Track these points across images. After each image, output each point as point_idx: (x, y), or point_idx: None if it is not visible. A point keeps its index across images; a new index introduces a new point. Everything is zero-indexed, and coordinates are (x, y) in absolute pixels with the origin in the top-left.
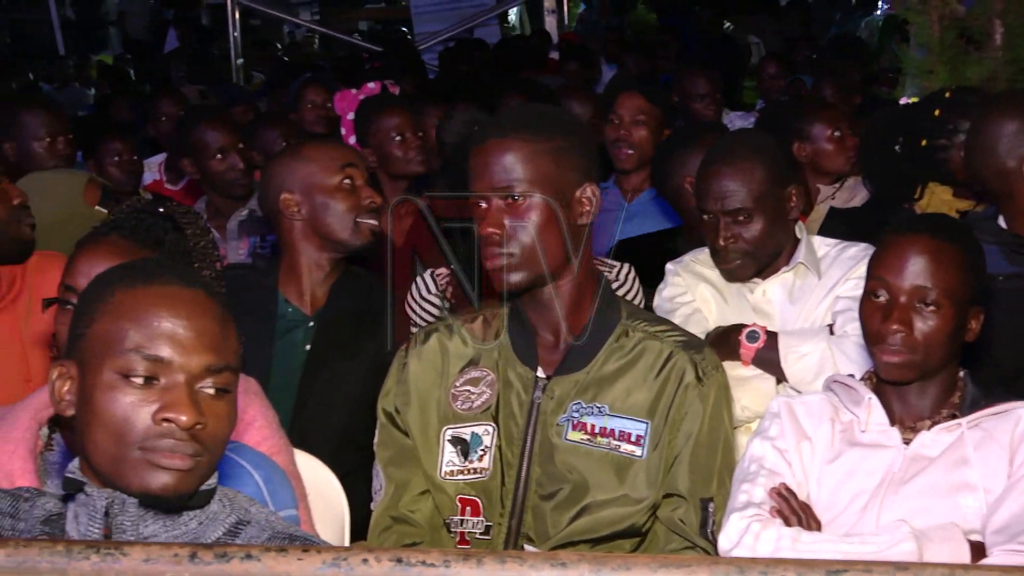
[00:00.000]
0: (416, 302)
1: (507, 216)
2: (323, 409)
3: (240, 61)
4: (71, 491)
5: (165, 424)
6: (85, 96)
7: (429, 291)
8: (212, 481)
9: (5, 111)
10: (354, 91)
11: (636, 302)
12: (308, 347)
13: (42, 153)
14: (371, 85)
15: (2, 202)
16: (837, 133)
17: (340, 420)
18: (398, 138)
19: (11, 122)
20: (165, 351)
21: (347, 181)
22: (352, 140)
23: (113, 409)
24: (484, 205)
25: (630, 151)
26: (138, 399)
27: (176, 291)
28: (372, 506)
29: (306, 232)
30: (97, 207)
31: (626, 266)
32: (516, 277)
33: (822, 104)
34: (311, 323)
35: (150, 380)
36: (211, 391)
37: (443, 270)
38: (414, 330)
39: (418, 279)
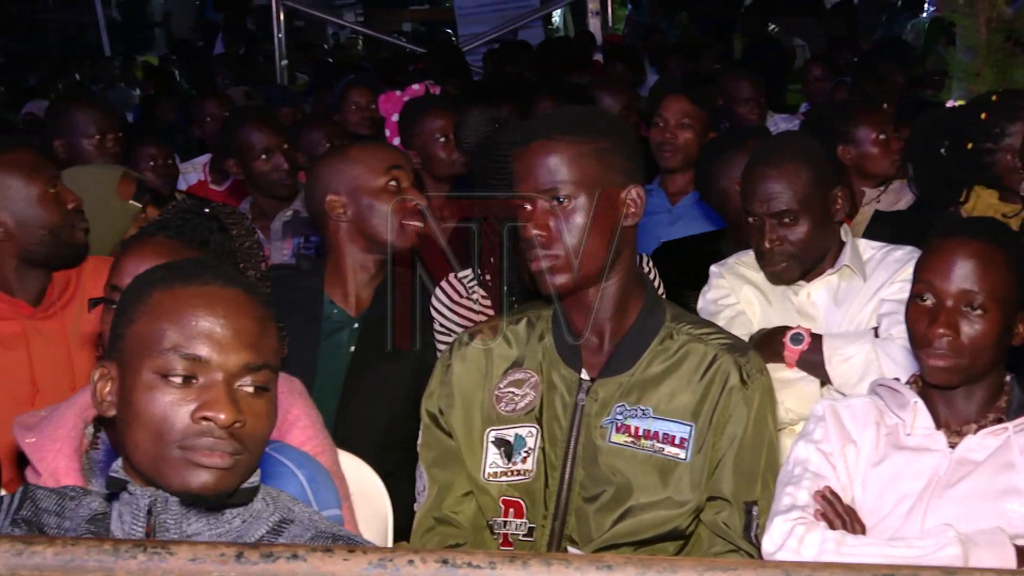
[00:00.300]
0: (445, 305)
1: (553, 218)
2: (367, 410)
3: (284, 63)
4: (114, 490)
5: (204, 423)
6: (130, 97)
7: (460, 295)
8: (254, 479)
9: (57, 108)
10: (398, 93)
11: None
12: (352, 348)
13: (91, 150)
14: (415, 87)
15: (56, 206)
16: (882, 136)
17: (383, 421)
18: (442, 139)
19: (62, 119)
20: (203, 350)
21: (393, 183)
22: (396, 141)
23: (152, 409)
24: (529, 207)
25: (675, 153)
26: (177, 398)
27: (214, 290)
28: (415, 507)
29: (351, 233)
30: (131, 201)
31: (645, 257)
32: (562, 279)
33: (867, 107)
34: (356, 324)
35: (188, 379)
36: (250, 389)
37: (467, 272)
38: (441, 335)
39: (443, 283)
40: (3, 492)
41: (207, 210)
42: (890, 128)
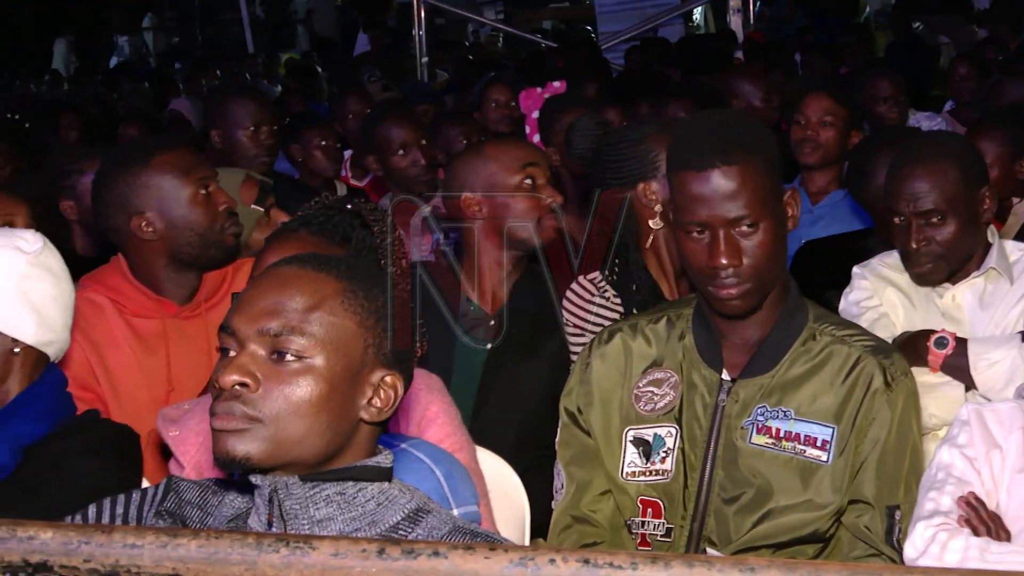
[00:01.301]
0: (578, 305)
1: (740, 244)
2: (503, 406)
3: (425, 60)
4: (240, 480)
5: (215, 388)
6: (272, 93)
7: (592, 294)
8: (382, 460)
9: (214, 99)
10: (539, 90)
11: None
12: (489, 344)
13: (246, 142)
14: (556, 84)
15: (206, 208)
16: None
17: (520, 417)
18: None
19: (219, 110)
20: (232, 320)
21: (528, 180)
22: (536, 138)
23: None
24: (704, 234)
25: (816, 151)
26: (213, 371)
27: (272, 269)
28: (553, 504)
29: (487, 231)
30: (253, 205)
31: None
32: (749, 303)
33: None
34: (492, 321)
35: (226, 351)
36: (263, 352)
37: (595, 274)
38: (575, 335)
39: (575, 284)
40: (147, 483)
41: (349, 206)
42: None
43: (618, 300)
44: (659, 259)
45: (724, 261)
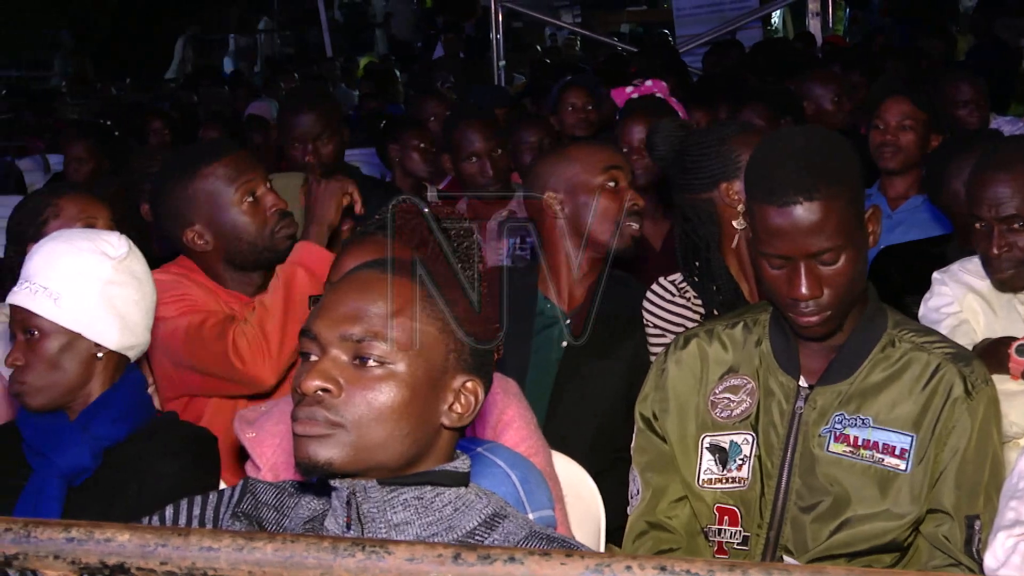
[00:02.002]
0: (658, 307)
1: (821, 275)
2: (579, 407)
3: (502, 63)
4: (317, 483)
5: (297, 393)
6: (350, 97)
7: (673, 295)
8: (460, 465)
9: (283, 112)
10: (628, 89)
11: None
12: (564, 344)
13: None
14: (648, 83)
15: (254, 214)
16: None
17: (594, 418)
18: None
19: (284, 122)
20: (313, 325)
21: (611, 183)
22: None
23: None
24: (783, 264)
25: (896, 155)
26: (295, 375)
27: (352, 274)
28: (628, 510)
29: (567, 231)
30: None
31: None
32: (830, 327)
33: None
34: (568, 320)
35: (307, 355)
36: (346, 358)
37: (676, 275)
38: (655, 337)
39: (655, 285)
40: (224, 485)
41: (425, 210)
42: None
43: (699, 301)
44: (740, 260)
45: (805, 292)
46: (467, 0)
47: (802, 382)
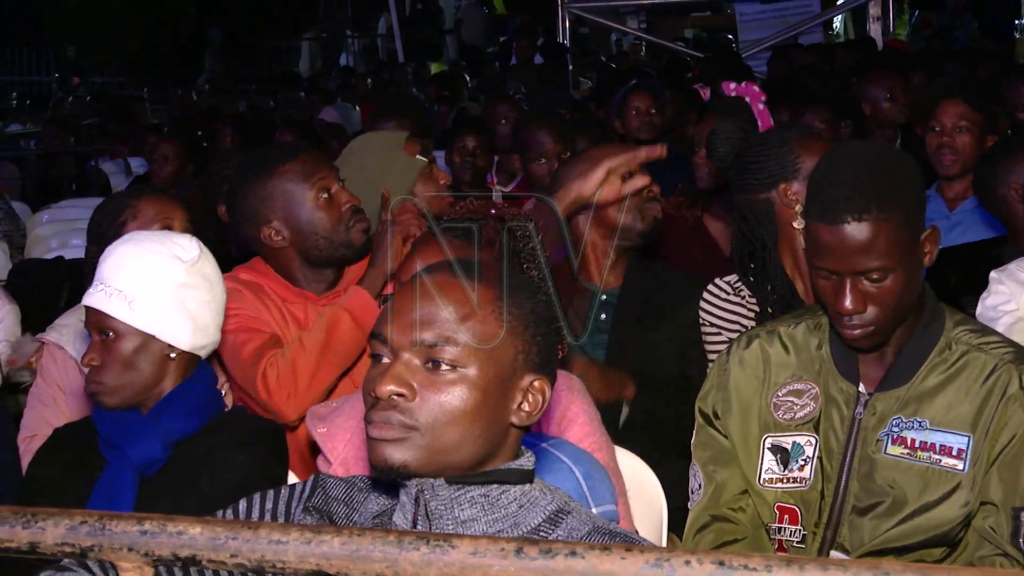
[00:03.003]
0: (715, 305)
1: (868, 291)
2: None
3: (570, 68)
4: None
5: (371, 397)
6: (421, 101)
7: (728, 295)
8: (525, 462)
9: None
10: (732, 85)
11: None
12: (604, 316)
13: None
14: (732, 85)
15: (329, 211)
16: None
17: (647, 390)
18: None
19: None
20: (384, 329)
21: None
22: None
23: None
24: (833, 279)
25: (953, 157)
26: (368, 377)
27: (422, 277)
28: (689, 505)
29: (594, 223)
30: (418, 156)
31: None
32: (875, 341)
33: None
34: (604, 296)
35: (378, 358)
36: (418, 362)
37: (732, 276)
38: (712, 335)
39: (710, 286)
40: (296, 480)
41: (493, 211)
42: None
43: (753, 301)
44: (795, 259)
45: (849, 307)
46: (542, 2)
47: (861, 388)
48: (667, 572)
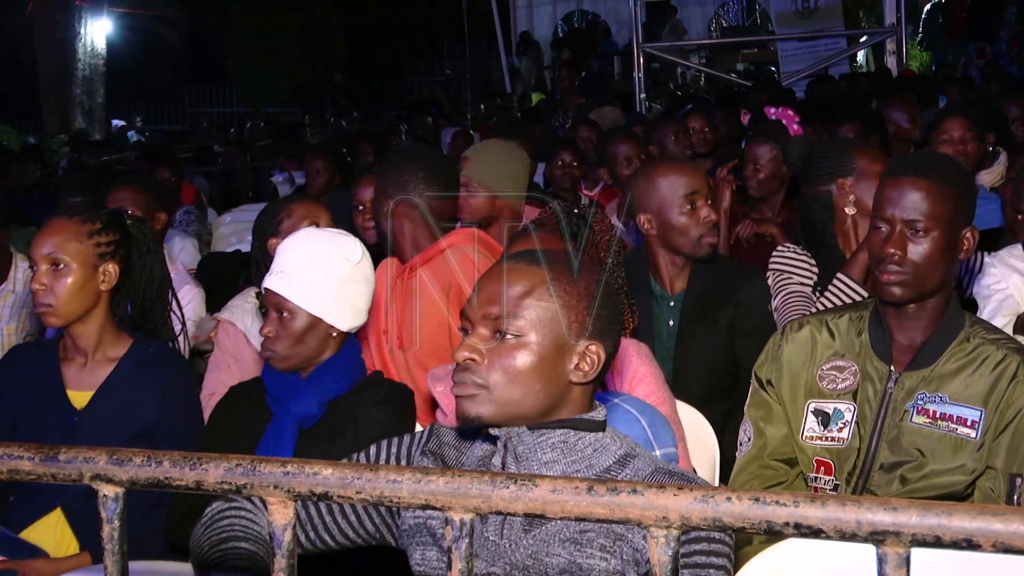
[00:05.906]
0: (784, 258)
1: (908, 243)
2: (696, 367)
3: (643, 96)
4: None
5: (454, 362)
6: None
7: (797, 253)
8: (596, 414)
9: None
10: (772, 110)
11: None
12: (671, 323)
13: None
14: (773, 110)
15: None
16: None
17: (707, 374)
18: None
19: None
20: (466, 307)
21: (688, 206)
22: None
23: None
24: (885, 228)
25: (966, 163)
26: (455, 348)
27: (501, 263)
28: (736, 455)
29: (659, 242)
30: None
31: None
32: (905, 294)
33: None
34: (672, 302)
35: (465, 331)
36: (488, 332)
37: (795, 246)
38: (779, 278)
39: (779, 247)
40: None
41: (576, 211)
42: None
43: (812, 261)
44: (846, 239)
45: (891, 250)
46: (590, 39)
47: (893, 368)
48: (712, 507)
